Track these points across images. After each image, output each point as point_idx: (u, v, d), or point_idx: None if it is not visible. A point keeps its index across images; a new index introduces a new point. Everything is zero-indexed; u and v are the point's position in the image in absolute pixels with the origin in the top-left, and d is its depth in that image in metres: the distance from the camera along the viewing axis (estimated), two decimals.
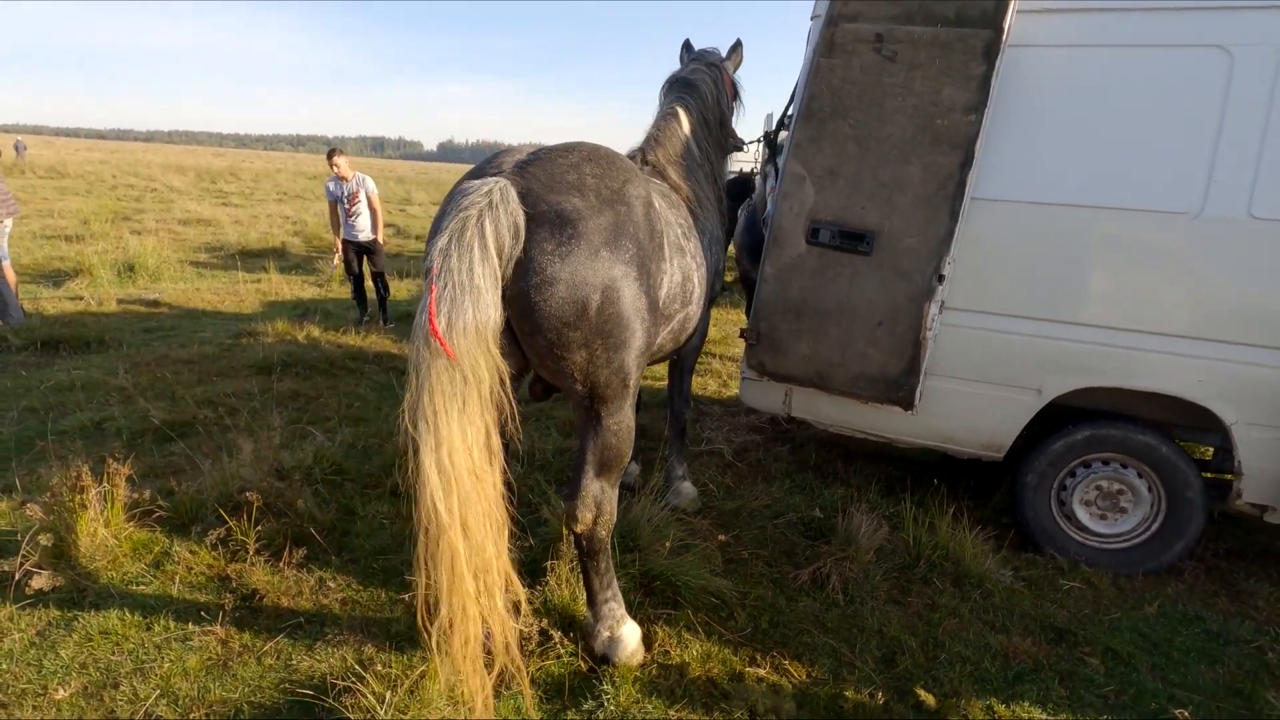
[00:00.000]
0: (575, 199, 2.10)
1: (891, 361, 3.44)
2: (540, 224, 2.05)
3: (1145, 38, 3.15)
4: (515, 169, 2.17)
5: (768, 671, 2.63)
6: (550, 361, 2.19)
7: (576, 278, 2.06)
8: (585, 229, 2.07)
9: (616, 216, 2.17)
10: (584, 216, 2.08)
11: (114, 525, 3.10)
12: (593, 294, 2.09)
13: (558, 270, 2.04)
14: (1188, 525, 3.33)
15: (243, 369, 5.77)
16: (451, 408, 1.91)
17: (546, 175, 2.13)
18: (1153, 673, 2.76)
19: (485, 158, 2.40)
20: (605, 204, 2.15)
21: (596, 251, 2.08)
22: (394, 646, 2.64)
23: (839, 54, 3.41)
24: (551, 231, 2.05)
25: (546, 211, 2.06)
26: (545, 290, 2.05)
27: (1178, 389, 3.18)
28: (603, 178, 2.21)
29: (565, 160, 2.20)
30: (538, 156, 2.23)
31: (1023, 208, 3.32)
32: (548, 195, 2.09)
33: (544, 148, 2.33)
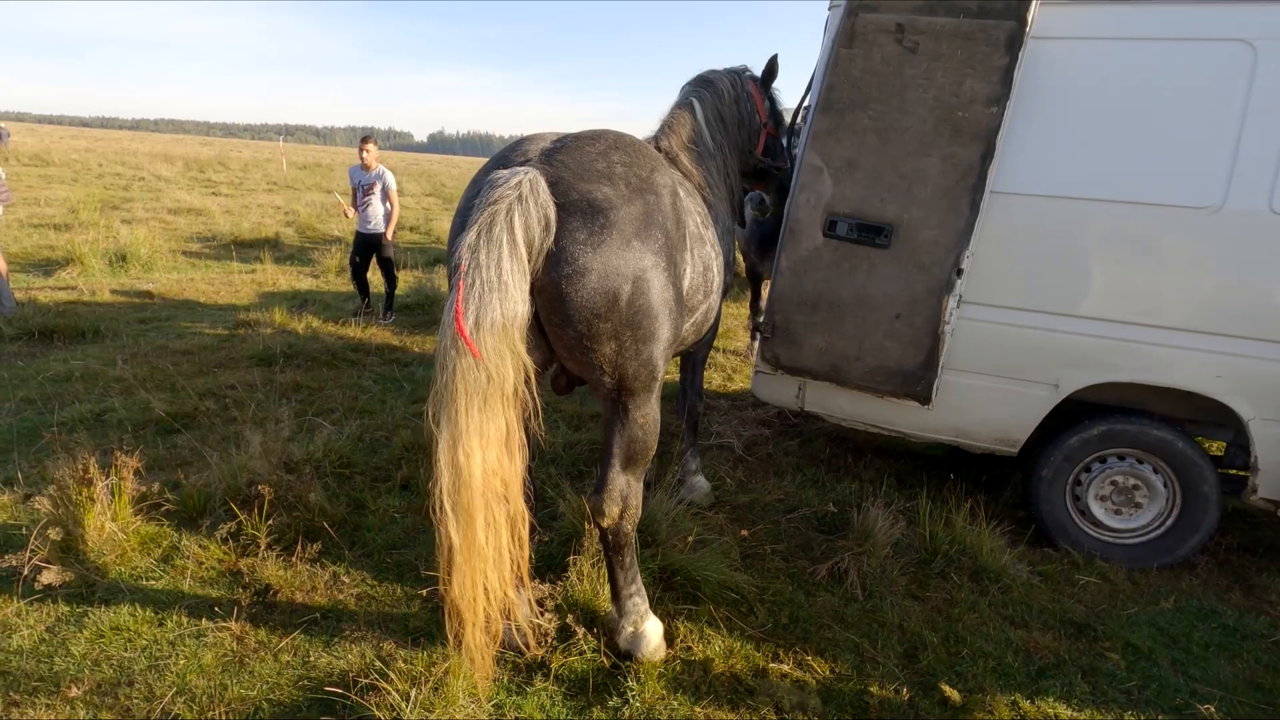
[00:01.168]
0: (606, 187, 2.06)
1: (909, 355, 3.42)
2: (571, 213, 2.01)
3: (1168, 31, 3.13)
4: (543, 157, 2.12)
5: (791, 668, 2.61)
6: (579, 354, 2.14)
7: (608, 268, 2.02)
8: (617, 218, 2.03)
9: (646, 205, 2.12)
10: (615, 205, 2.04)
11: (121, 519, 3.03)
12: (624, 284, 2.04)
13: (590, 260, 2.00)
14: (1203, 520, 3.34)
15: (243, 360, 5.69)
16: (472, 406, 1.88)
17: (576, 163, 2.09)
18: (1173, 668, 2.76)
19: (507, 146, 2.34)
20: (635, 192, 2.11)
21: (628, 241, 2.04)
22: (414, 643, 2.60)
23: (859, 44, 3.37)
24: (584, 221, 2.01)
25: (578, 200, 2.02)
26: (577, 281, 2.01)
27: (1195, 384, 3.18)
28: (631, 165, 2.17)
29: (593, 148, 2.16)
30: (564, 144, 2.18)
31: (1042, 201, 3.30)
32: (578, 184, 2.04)
33: (568, 135, 2.28)
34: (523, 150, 2.21)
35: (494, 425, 1.92)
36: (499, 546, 2.00)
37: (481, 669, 2.05)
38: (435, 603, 2.80)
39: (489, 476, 1.93)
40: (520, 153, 2.20)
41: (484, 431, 1.90)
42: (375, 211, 7.26)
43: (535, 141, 2.26)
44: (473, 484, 1.90)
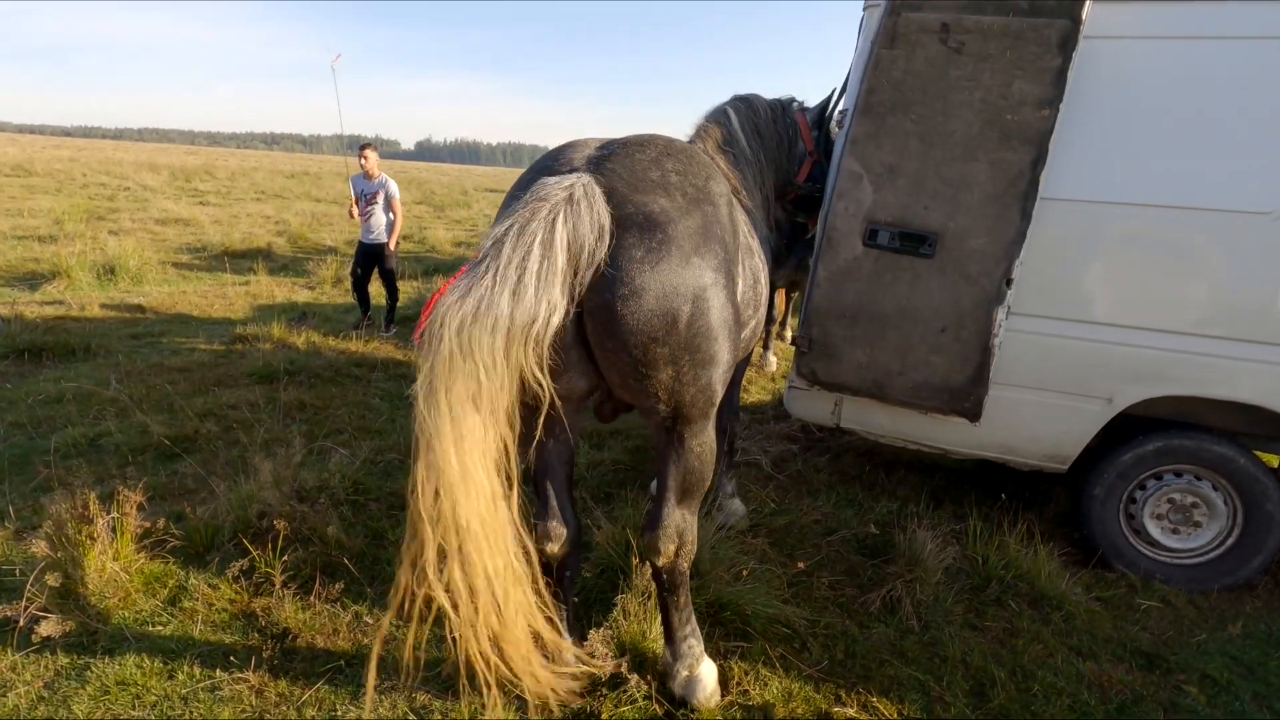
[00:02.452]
0: (662, 199, 1.88)
1: (956, 370, 3.26)
2: (627, 228, 1.82)
3: (1224, 29, 3.00)
4: (590, 165, 1.94)
5: (856, 710, 2.43)
6: (632, 380, 1.95)
7: (666, 287, 1.83)
8: (675, 232, 1.85)
9: (705, 217, 1.94)
10: (673, 219, 1.86)
11: (124, 557, 2.81)
12: (683, 305, 1.86)
13: (647, 279, 1.81)
14: (1266, 539, 3.19)
15: (242, 378, 5.46)
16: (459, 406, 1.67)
17: (628, 172, 1.90)
18: (1256, 701, 2.60)
19: (546, 154, 2.15)
20: (693, 204, 1.93)
21: (688, 258, 1.86)
22: (450, 691, 2.39)
23: (901, 45, 3.22)
24: (641, 236, 1.82)
25: (633, 214, 1.83)
26: (632, 301, 1.81)
27: (1258, 398, 3.04)
28: (685, 174, 1.99)
29: (644, 155, 1.97)
30: (612, 151, 1.99)
31: (1096, 208, 3.16)
32: (633, 195, 1.85)
33: (614, 141, 2.10)
34: (567, 158, 2.03)
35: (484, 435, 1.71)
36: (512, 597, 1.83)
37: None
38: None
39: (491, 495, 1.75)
40: (565, 160, 2.01)
41: (461, 434, 1.69)
42: (378, 221, 7.05)
43: (578, 149, 2.08)
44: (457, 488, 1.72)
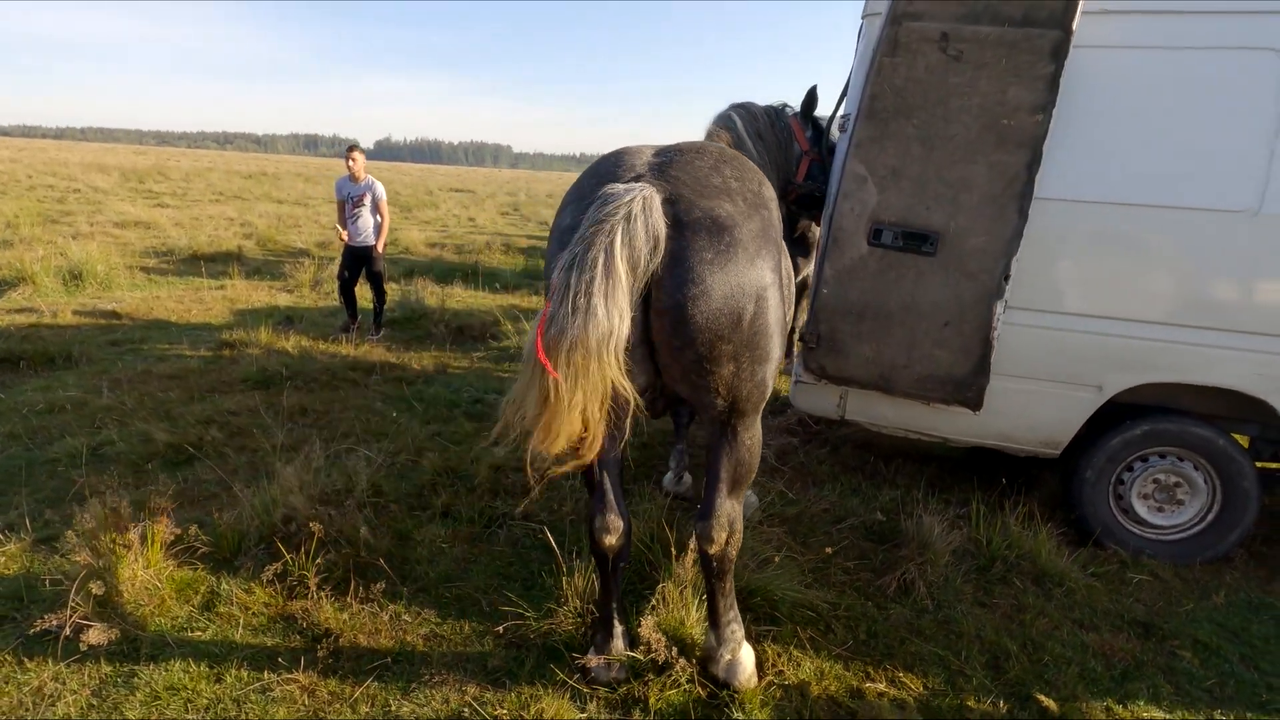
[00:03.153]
0: (726, 204, 1.98)
1: (960, 362, 3.43)
2: (696, 231, 1.92)
3: (1201, 40, 3.22)
4: (655, 173, 2.03)
5: (885, 686, 2.57)
6: (695, 376, 2.05)
7: (732, 287, 1.94)
8: (741, 235, 1.95)
9: (763, 221, 2.06)
10: (738, 222, 1.96)
11: (155, 565, 2.80)
12: (748, 304, 1.97)
13: (717, 280, 1.92)
14: (1243, 514, 3.44)
15: (237, 383, 5.39)
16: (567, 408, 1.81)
17: (691, 179, 2.00)
18: (1243, 663, 2.82)
19: (604, 160, 2.23)
20: (753, 208, 2.04)
21: (753, 259, 1.97)
22: (497, 683, 2.46)
23: (903, 53, 3.37)
24: (710, 239, 1.92)
25: (701, 218, 1.93)
26: (702, 301, 1.92)
27: (1237, 383, 3.27)
28: (743, 179, 2.10)
29: (703, 161, 2.08)
30: (673, 158, 2.09)
31: (1086, 207, 3.36)
32: (700, 201, 1.96)
33: (669, 148, 2.19)
34: (628, 164, 2.11)
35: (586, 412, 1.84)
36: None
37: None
38: (511, 638, 2.67)
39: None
40: (626, 167, 2.10)
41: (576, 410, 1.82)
42: (365, 223, 6.99)
43: (636, 155, 2.16)
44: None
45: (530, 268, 12.39)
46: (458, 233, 18.86)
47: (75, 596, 2.48)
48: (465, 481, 3.82)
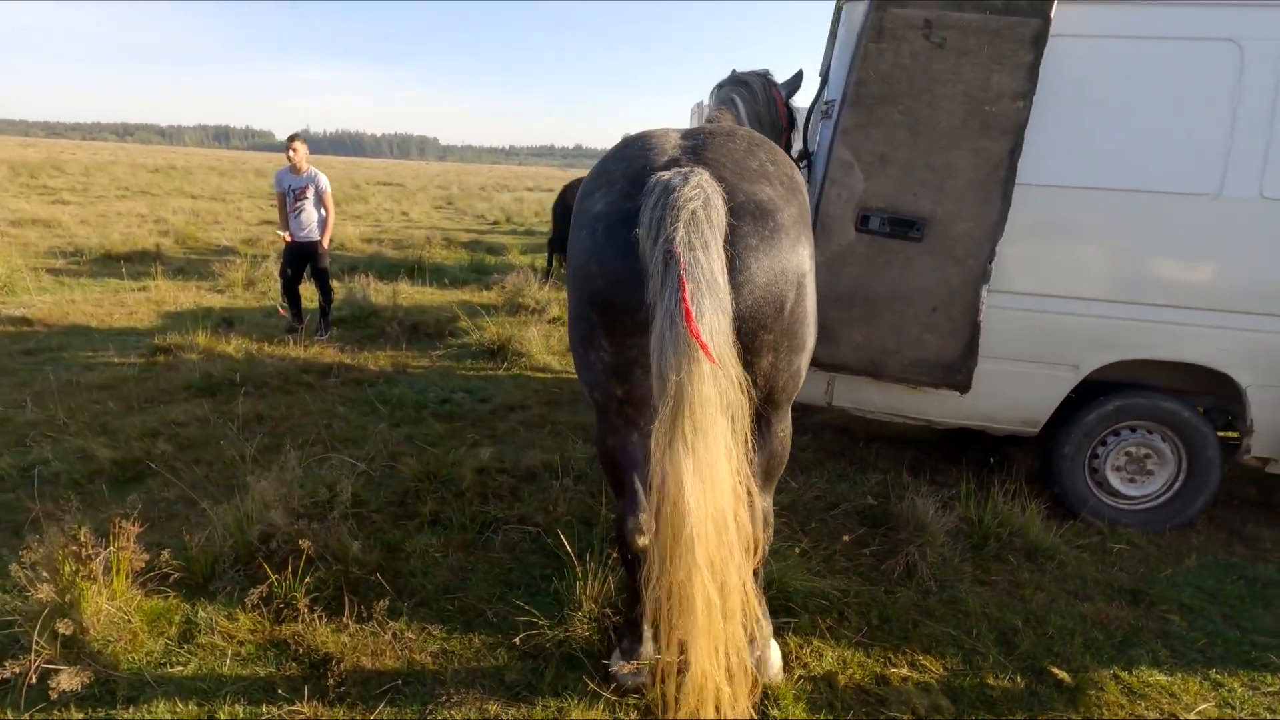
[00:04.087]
0: (767, 188, 1.91)
1: (949, 345, 3.48)
2: (741, 216, 1.84)
3: (1164, 30, 3.35)
4: (690, 156, 1.93)
5: (907, 670, 2.58)
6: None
7: (776, 273, 1.87)
8: (783, 220, 1.89)
9: (799, 206, 2.00)
10: (779, 207, 1.90)
11: (120, 596, 2.53)
12: (790, 290, 1.91)
13: (760, 266, 1.84)
14: (1208, 482, 3.63)
15: (179, 392, 4.99)
16: (718, 423, 1.65)
17: (731, 162, 1.92)
18: (1225, 622, 2.97)
19: (628, 147, 2.10)
20: (790, 192, 1.98)
21: (795, 244, 1.91)
22: (517, 698, 2.33)
23: (888, 39, 3.38)
24: (754, 224, 1.84)
25: (745, 203, 1.85)
26: (747, 289, 1.84)
27: (1203, 358, 3.45)
28: (777, 164, 2.03)
29: (736, 145, 2.00)
30: (705, 141, 2.00)
31: (1063, 192, 3.46)
32: (742, 184, 1.88)
33: (696, 131, 2.11)
34: (658, 148, 2.00)
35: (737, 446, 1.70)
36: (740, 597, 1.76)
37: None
38: (525, 649, 2.54)
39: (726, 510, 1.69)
40: (658, 151, 1.99)
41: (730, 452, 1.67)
42: (309, 218, 6.59)
43: (662, 138, 2.06)
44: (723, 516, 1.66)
45: (476, 262, 12.05)
46: (392, 228, 18.20)
47: (39, 638, 2.20)
48: (450, 486, 3.63)
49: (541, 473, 3.91)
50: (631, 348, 1.91)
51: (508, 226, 20.82)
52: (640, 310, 1.80)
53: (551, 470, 3.91)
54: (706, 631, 1.71)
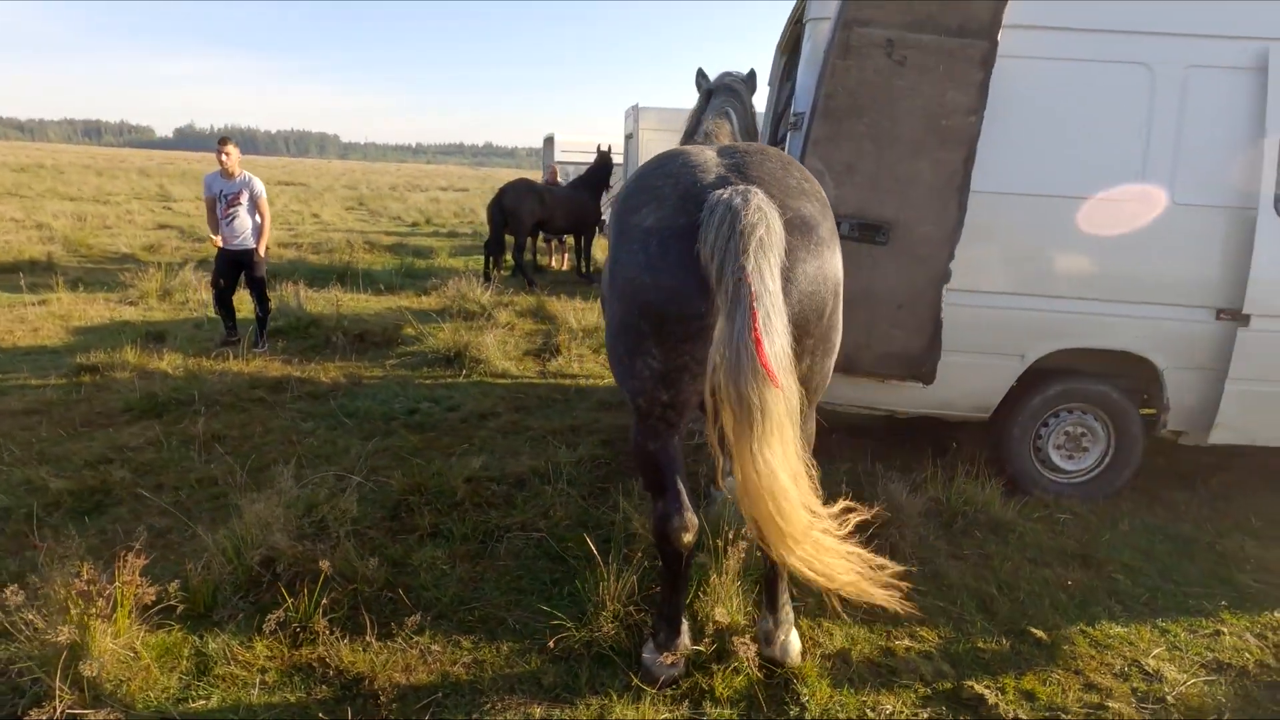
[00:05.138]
0: (807, 204, 2.06)
1: (914, 340, 3.77)
2: (791, 231, 1.97)
3: (1090, 54, 3.75)
4: (737, 174, 2.05)
5: (909, 641, 2.81)
6: None
7: (818, 283, 2.03)
8: (824, 233, 2.04)
9: (831, 220, 2.16)
10: (820, 221, 2.05)
11: (124, 633, 2.39)
12: (829, 298, 2.07)
13: (807, 277, 2.00)
14: (1133, 453, 4.09)
15: (119, 414, 4.66)
16: (785, 429, 1.83)
17: (773, 179, 2.06)
18: (1162, 578, 3.38)
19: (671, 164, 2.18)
20: (825, 207, 2.14)
21: (834, 254, 2.07)
22: (559, 699, 2.39)
23: (854, 56, 3.61)
24: (801, 238, 1.99)
25: (793, 219, 1.99)
26: (794, 297, 1.98)
27: (1129, 345, 3.88)
28: (809, 181, 2.19)
29: (773, 164, 2.14)
30: (745, 160, 2.12)
31: (1008, 198, 3.80)
32: (789, 201, 2.01)
33: (732, 149, 2.24)
34: (702, 165, 2.11)
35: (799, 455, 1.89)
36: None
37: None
38: (556, 653, 2.59)
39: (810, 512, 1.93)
40: (703, 169, 2.09)
41: (792, 464, 1.87)
42: (243, 224, 6.26)
43: (702, 155, 2.17)
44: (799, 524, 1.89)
45: (406, 266, 11.73)
46: (306, 231, 17.41)
47: (61, 683, 2.06)
48: (444, 498, 3.60)
49: (531, 479, 3.93)
50: (683, 355, 2.02)
51: (429, 228, 20.30)
52: (693, 320, 1.91)
53: (540, 476, 3.95)
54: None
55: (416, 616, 2.61)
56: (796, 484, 1.90)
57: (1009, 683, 2.60)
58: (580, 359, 6.67)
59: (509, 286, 10.29)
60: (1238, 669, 2.74)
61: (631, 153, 10.82)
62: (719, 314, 1.83)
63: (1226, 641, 2.91)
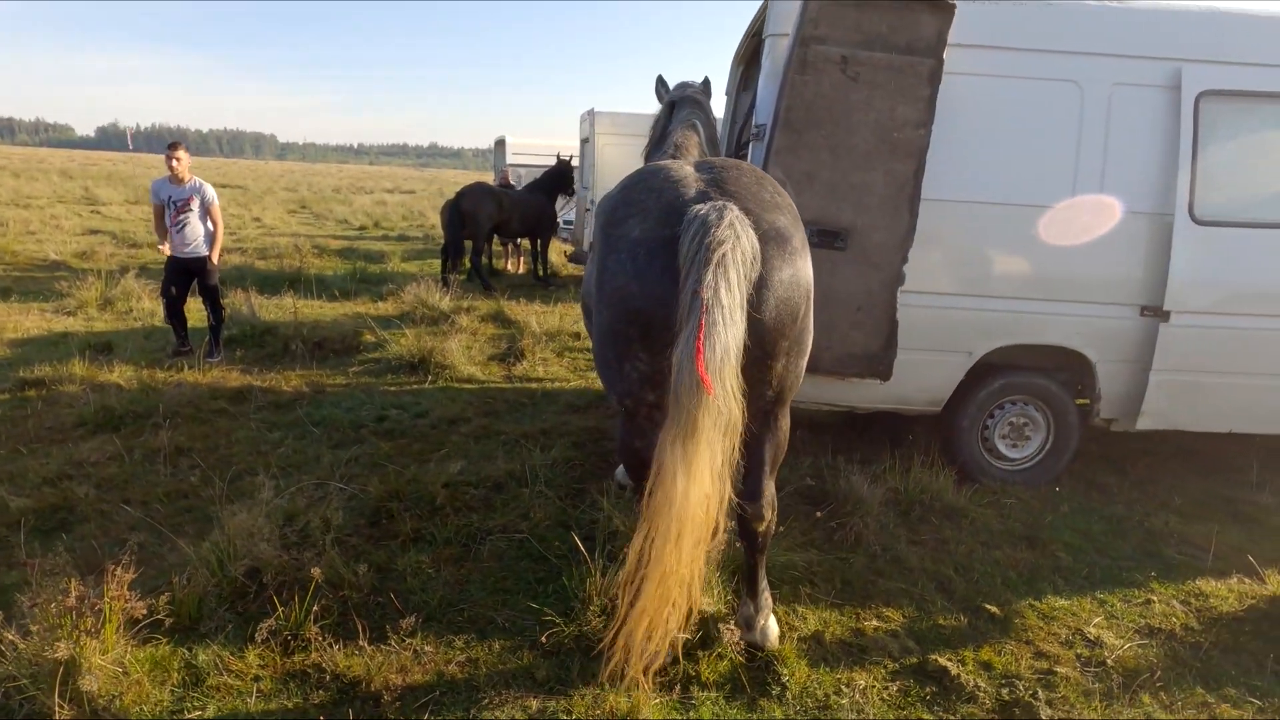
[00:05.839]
0: (780, 216, 2.21)
1: (872, 340, 3.99)
2: (765, 242, 2.12)
3: (1025, 72, 4.05)
4: (716, 189, 2.19)
5: (877, 622, 3.01)
6: (755, 372, 2.25)
7: (793, 290, 2.18)
8: (797, 243, 2.20)
9: (803, 231, 2.32)
10: (793, 232, 2.20)
11: (112, 649, 2.38)
12: (802, 304, 2.22)
13: (782, 285, 2.15)
14: (1070, 441, 4.42)
15: (73, 429, 4.52)
16: (712, 439, 1.93)
17: (749, 194, 2.20)
18: (1098, 554, 3.68)
19: (647, 172, 2.32)
20: (795, 219, 2.29)
21: (806, 262, 2.23)
22: (554, 692, 2.49)
23: (811, 72, 3.81)
24: (777, 249, 2.14)
25: (769, 231, 2.14)
26: (772, 305, 2.13)
27: (1065, 341, 4.20)
28: (781, 194, 2.34)
29: (747, 178, 2.28)
30: (723, 175, 2.26)
31: (956, 205, 4.07)
32: (764, 214, 2.16)
33: (709, 164, 2.38)
34: (682, 180, 2.24)
35: (721, 456, 1.98)
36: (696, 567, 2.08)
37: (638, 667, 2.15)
38: (548, 648, 2.69)
39: (703, 501, 1.98)
40: (683, 183, 2.22)
41: (714, 462, 1.95)
42: (194, 231, 6.11)
43: (681, 170, 2.30)
44: (688, 510, 1.95)
45: (359, 272, 11.53)
46: (250, 235, 16.88)
47: (60, 700, 2.05)
48: (423, 503, 3.64)
49: (508, 482, 4.00)
50: (667, 358, 2.14)
51: (378, 232, 19.92)
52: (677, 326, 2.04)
53: (517, 479, 4.02)
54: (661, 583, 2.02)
55: (411, 619, 2.66)
56: (705, 512, 2.01)
57: (968, 655, 2.82)
58: (545, 363, 6.74)
59: (467, 291, 10.26)
60: (1167, 632, 3.03)
61: (588, 157, 10.90)
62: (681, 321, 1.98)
63: (1157, 609, 3.21)
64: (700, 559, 2.11)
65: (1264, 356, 4.16)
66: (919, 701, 2.56)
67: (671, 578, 2.01)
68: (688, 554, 2.04)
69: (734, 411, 1.98)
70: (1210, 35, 4.03)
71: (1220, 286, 4.07)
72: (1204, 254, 4.02)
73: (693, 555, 2.06)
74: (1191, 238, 4.00)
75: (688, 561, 2.05)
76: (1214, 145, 4.04)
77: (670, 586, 2.04)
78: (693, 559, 2.07)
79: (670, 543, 1.99)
